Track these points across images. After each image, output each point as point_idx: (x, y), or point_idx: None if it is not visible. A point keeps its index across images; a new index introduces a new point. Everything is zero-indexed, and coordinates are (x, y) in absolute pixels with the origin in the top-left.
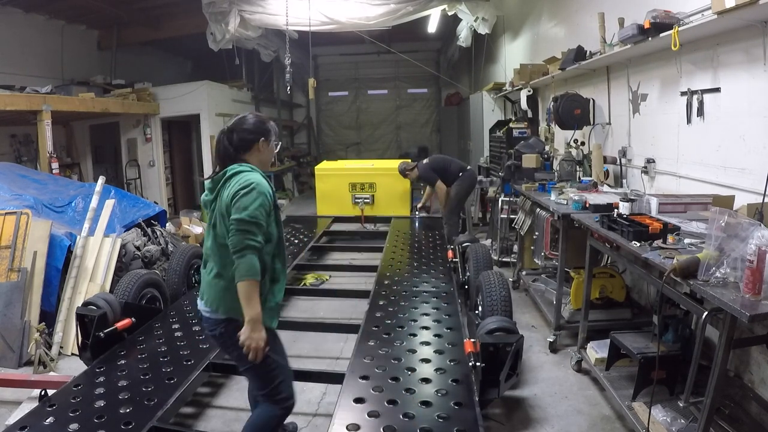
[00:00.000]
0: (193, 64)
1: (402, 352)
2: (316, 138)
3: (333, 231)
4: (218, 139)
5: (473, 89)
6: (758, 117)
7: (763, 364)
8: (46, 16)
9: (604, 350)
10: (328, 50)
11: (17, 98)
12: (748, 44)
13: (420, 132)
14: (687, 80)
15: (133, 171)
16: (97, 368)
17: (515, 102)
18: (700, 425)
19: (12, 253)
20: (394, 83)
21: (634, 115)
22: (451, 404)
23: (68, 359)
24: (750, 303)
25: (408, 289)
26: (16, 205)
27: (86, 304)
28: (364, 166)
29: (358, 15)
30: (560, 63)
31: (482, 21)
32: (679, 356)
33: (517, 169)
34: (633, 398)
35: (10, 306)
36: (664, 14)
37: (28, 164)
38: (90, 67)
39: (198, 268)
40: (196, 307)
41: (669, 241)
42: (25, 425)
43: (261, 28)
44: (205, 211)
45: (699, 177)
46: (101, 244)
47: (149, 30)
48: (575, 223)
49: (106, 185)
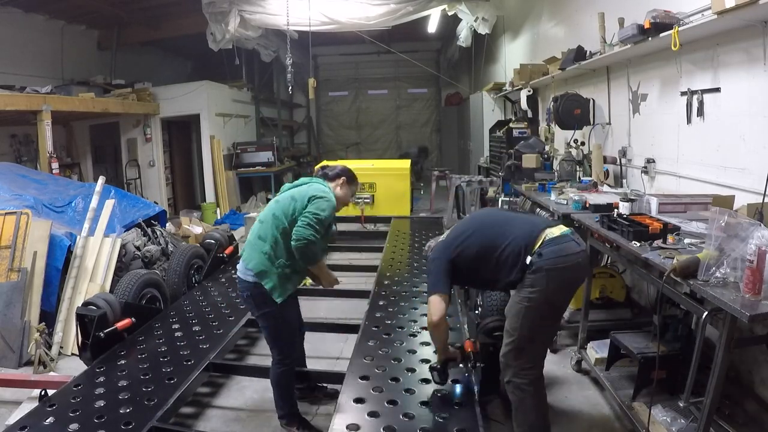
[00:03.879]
0: (193, 64)
1: (402, 353)
2: (316, 138)
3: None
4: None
5: (473, 89)
6: (758, 117)
7: (763, 364)
8: (46, 16)
9: (604, 350)
10: (328, 50)
11: (17, 98)
12: (748, 44)
13: (420, 132)
14: (687, 80)
15: (133, 171)
16: (97, 368)
17: (515, 102)
18: (700, 425)
19: (12, 253)
20: (394, 83)
21: (634, 115)
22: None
23: (68, 359)
24: (750, 303)
25: (408, 289)
26: (16, 205)
27: (86, 304)
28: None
29: (358, 15)
30: (560, 63)
31: (482, 21)
32: (679, 356)
33: (517, 169)
34: (633, 398)
35: (10, 306)
36: (664, 14)
37: (28, 164)
38: (90, 67)
39: (198, 268)
40: (237, 272)
41: (669, 241)
42: (25, 425)
43: (261, 28)
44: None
45: (699, 177)
46: (101, 244)
47: (149, 30)
48: (575, 223)
49: (106, 185)
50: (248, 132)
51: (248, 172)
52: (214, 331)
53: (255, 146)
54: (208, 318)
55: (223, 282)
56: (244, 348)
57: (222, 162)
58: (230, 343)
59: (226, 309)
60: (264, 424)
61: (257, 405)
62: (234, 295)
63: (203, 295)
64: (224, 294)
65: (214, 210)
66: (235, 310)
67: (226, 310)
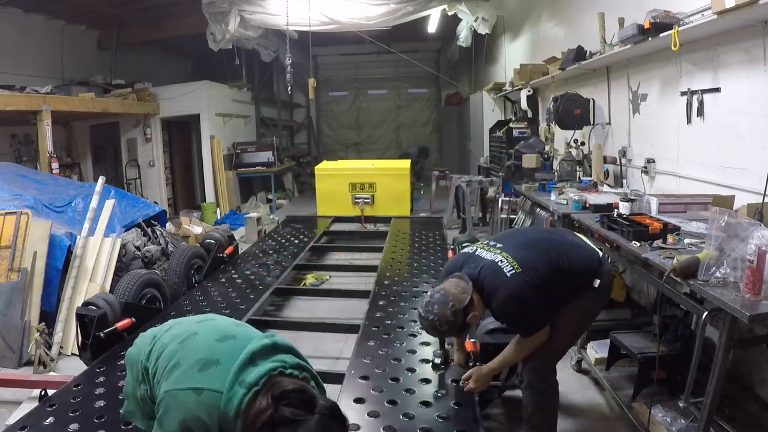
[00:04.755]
0: (193, 64)
1: (402, 353)
2: (316, 138)
3: (333, 231)
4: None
5: (473, 89)
6: (758, 117)
7: (763, 364)
8: (46, 16)
9: (604, 350)
10: (328, 50)
11: (17, 98)
12: (748, 44)
13: (420, 132)
14: (687, 80)
15: (133, 171)
16: (97, 368)
17: (515, 102)
18: (700, 425)
19: (12, 253)
20: (394, 83)
21: (634, 115)
22: (451, 404)
23: (68, 359)
24: (750, 303)
25: (408, 289)
26: (16, 205)
27: (86, 304)
28: (364, 166)
29: (358, 15)
30: (560, 63)
31: (482, 21)
32: (679, 356)
33: (517, 169)
34: (633, 398)
35: (10, 306)
36: (664, 14)
37: (28, 164)
38: (90, 67)
39: (198, 268)
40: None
41: (669, 241)
42: (25, 425)
43: (261, 28)
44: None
45: (699, 177)
46: (101, 244)
47: (149, 30)
48: (575, 223)
49: (106, 185)
50: (248, 132)
51: (248, 172)
52: None
53: (255, 146)
54: None
55: (223, 282)
56: None
57: (222, 162)
58: None
59: (226, 309)
60: None
61: None
62: (234, 295)
63: (203, 295)
64: (224, 294)
65: (214, 210)
66: (235, 310)
67: (226, 310)
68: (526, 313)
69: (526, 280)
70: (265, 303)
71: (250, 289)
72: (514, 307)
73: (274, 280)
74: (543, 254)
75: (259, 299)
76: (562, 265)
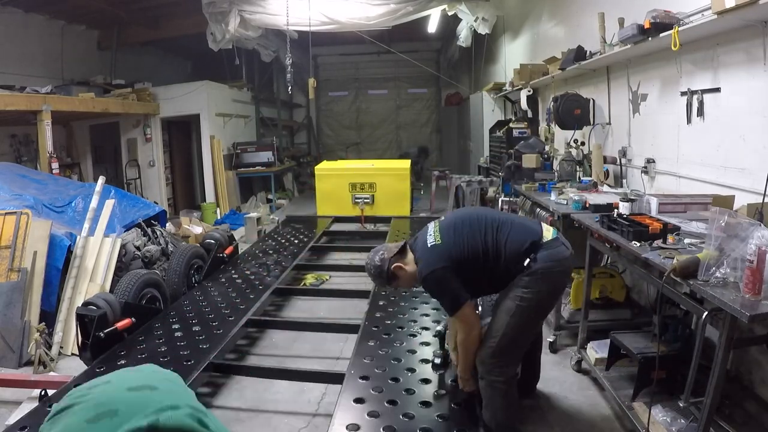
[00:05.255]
0: (193, 64)
1: (402, 353)
2: (316, 138)
3: (333, 231)
4: None
5: (473, 89)
6: (758, 117)
7: (763, 364)
8: (46, 16)
9: (604, 350)
10: (328, 50)
11: (17, 98)
12: (748, 44)
13: (420, 132)
14: (687, 80)
15: (133, 171)
16: (97, 368)
17: (515, 102)
18: (700, 425)
19: (12, 253)
20: (394, 83)
21: (634, 115)
22: (451, 404)
23: (68, 359)
24: (750, 303)
25: (407, 290)
26: (16, 205)
27: (86, 304)
28: (364, 166)
29: (358, 15)
30: (560, 63)
31: (482, 21)
32: (679, 356)
33: (517, 169)
34: (633, 398)
35: (10, 306)
36: (664, 14)
37: (28, 164)
38: (90, 67)
39: (198, 268)
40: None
41: (669, 241)
42: (25, 425)
43: (261, 28)
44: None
45: (699, 177)
46: (101, 244)
47: (149, 30)
48: (575, 223)
49: (106, 185)
50: (248, 132)
51: (248, 172)
52: (214, 331)
53: (255, 146)
54: (208, 318)
55: (223, 282)
56: (244, 348)
57: (222, 162)
58: (230, 343)
59: (226, 309)
60: (264, 424)
61: (257, 405)
62: (234, 295)
63: (203, 295)
64: (224, 294)
65: (214, 210)
66: (235, 310)
67: (226, 310)
68: (438, 280)
69: (441, 250)
70: (265, 303)
71: (250, 289)
72: (427, 274)
73: (274, 280)
74: (467, 227)
75: (259, 299)
76: (488, 239)
